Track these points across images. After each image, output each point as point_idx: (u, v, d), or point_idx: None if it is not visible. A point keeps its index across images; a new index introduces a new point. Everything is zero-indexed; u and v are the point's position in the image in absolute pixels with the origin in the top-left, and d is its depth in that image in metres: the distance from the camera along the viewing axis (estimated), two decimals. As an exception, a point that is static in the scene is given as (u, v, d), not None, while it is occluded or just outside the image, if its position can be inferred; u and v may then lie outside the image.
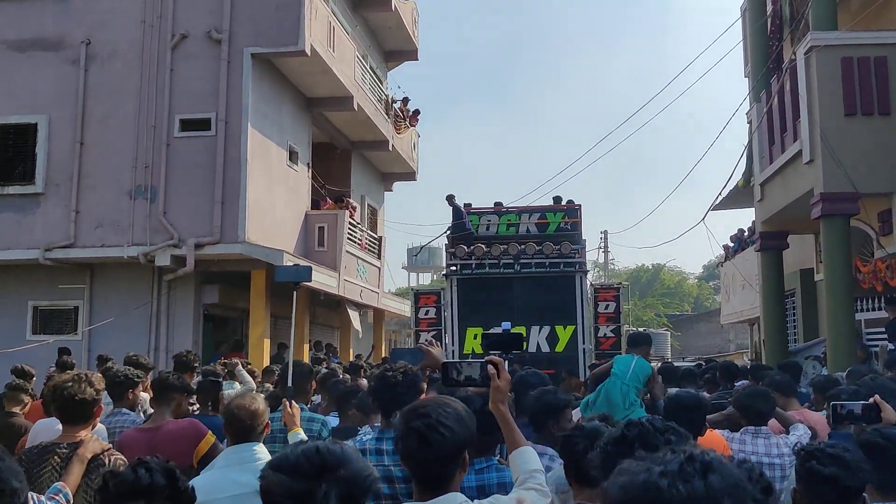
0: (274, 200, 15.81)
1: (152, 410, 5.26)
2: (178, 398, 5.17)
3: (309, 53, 14.91)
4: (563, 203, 16.80)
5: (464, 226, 16.21)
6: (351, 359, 19.41)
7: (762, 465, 4.72)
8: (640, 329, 37.47)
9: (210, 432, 4.83)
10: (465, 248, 15.49)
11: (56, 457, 3.71)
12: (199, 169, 14.70)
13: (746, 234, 22.19)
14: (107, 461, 3.68)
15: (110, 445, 3.98)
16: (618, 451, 2.09)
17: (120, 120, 15.05)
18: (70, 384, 3.86)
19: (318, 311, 20.05)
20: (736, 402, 5.41)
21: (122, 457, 3.81)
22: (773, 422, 5.35)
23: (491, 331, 4.62)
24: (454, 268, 15.59)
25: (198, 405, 6.61)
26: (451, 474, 2.50)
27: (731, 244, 23.16)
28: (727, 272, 23.33)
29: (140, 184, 14.81)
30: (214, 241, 14.42)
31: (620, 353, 17.45)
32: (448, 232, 16.22)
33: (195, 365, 8.38)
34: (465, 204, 16.66)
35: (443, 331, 15.46)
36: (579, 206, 16.60)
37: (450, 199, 16.66)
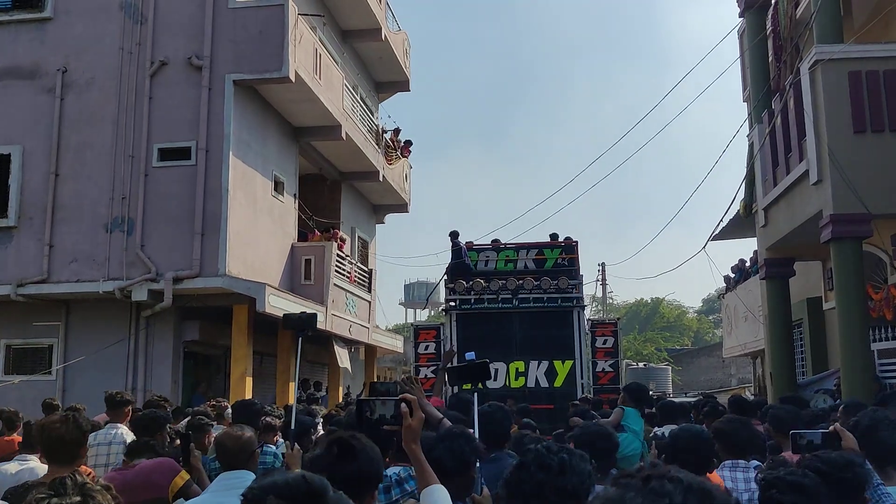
0: (258, 232, 15.20)
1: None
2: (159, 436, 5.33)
3: (293, 80, 14.40)
4: (560, 240, 16.93)
5: (463, 264, 16.31)
6: (340, 397, 18.78)
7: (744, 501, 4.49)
8: (640, 364, 36.76)
9: (184, 471, 4.86)
10: (464, 283, 15.69)
11: None
12: (179, 200, 14.11)
13: (748, 263, 21.59)
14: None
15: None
16: (520, 476, 2.15)
17: (96, 150, 14.50)
18: (58, 425, 3.89)
19: (305, 347, 19.29)
20: (715, 431, 4.91)
21: (111, 487, 3.53)
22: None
23: (455, 363, 4.39)
24: (453, 303, 15.75)
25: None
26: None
27: (733, 275, 22.53)
28: (729, 304, 22.67)
29: (117, 216, 14.21)
30: (193, 274, 13.79)
31: (619, 387, 17.27)
32: (447, 269, 16.37)
33: (122, 398, 7.58)
34: (465, 242, 16.75)
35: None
36: (576, 242, 16.75)
37: (453, 235, 16.82)
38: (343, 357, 18.21)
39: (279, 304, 14.20)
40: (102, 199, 14.31)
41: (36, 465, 5.04)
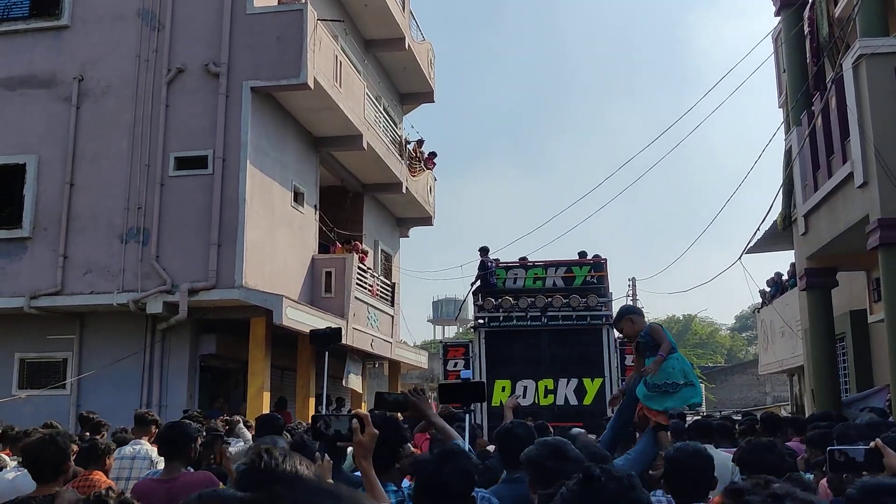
0: (276, 243, 14.80)
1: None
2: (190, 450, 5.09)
3: (312, 87, 14.02)
4: (589, 257, 16.90)
5: (488, 281, 16.34)
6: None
7: None
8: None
9: (222, 484, 4.77)
10: (493, 300, 15.67)
11: None
12: (195, 210, 13.75)
13: (785, 276, 20.87)
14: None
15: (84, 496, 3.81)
16: None
17: (112, 159, 14.19)
18: (37, 445, 4.10)
19: (329, 362, 18.85)
20: (739, 461, 4.67)
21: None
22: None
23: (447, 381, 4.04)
24: (482, 320, 15.71)
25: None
26: None
27: (769, 288, 21.80)
28: (765, 319, 21.92)
29: (132, 226, 13.87)
30: (210, 286, 13.40)
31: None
32: (474, 286, 16.45)
33: (153, 419, 7.57)
34: (494, 259, 16.72)
35: None
36: (605, 259, 16.74)
37: (483, 251, 16.78)
38: (354, 380, 17.68)
39: (297, 316, 13.78)
40: (117, 209, 13.99)
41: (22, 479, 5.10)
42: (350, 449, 3.70)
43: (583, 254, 17.19)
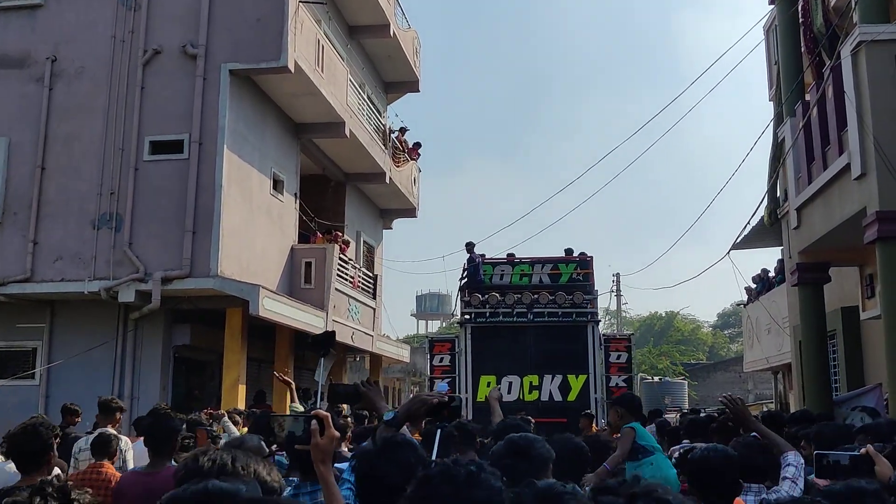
0: (254, 232, 14.38)
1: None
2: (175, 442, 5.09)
3: (293, 70, 13.61)
4: (575, 255, 17.09)
5: (475, 276, 16.46)
6: (346, 409, 17.91)
7: None
8: (655, 378, 35.68)
9: None
10: (480, 296, 15.79)
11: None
12: (170, 196, 13.33)
13: (771, 273, 20.63)
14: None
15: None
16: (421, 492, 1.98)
17: (85, 142, 13.74)
18: (20, 437, 4.17)
19: (307, 355, 18.49)
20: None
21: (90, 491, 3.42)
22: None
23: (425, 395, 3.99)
24: (468, 316, 15.82)
25: None
26: None
27: (754, 285, 21.54)
28: (750, 315, 21.67)
29: (105, 212, 13.43)
30: (184, 274, 12.98)
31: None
32: (462, 281, 16.58)
33: (117, 405, 7.60)
34: (480, 255, 16.86)
35: (457, 378, 15.55)
36: (591, 257, 16.96)
37: (469, 246, 16.94)
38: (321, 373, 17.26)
39: (275, 307, 13.39)
40: (90, 195, 13.54)
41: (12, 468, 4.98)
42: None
43: (569, 251, 17.31)
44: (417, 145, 22.93)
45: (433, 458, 3.48)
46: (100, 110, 13.75)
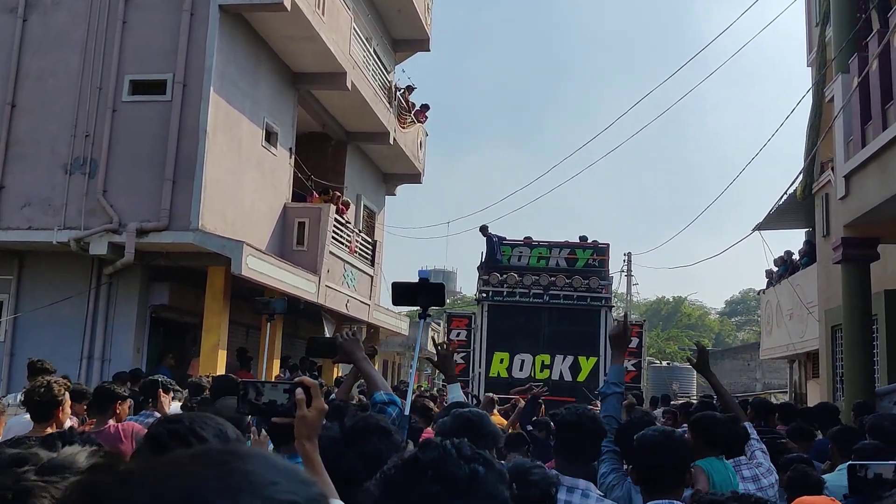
0: (242, 185, 13.22)
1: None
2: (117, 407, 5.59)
3: (289, 9, 12.37)
4: (589, 242, 17.67)
5: (495, 255, 16.91)
6: (336, 377, 16.86)
7: None
8: (664, 363, 34.57)
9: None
10: (499, 275, 16.29)
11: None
12: (149, 140, 12.17)
13: (796, 256, 19.44)
14: None
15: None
16: (405, 479, 1.48)
17: (60, 79, 12.58)
18: (37, 388, 4.61)
19: (298, 322, 17.40)
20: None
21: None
22: None
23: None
24: (486, 294, 16.31)
25: None
26: None
27: (776, 268, 20.35)
28: (770, 300, 20.48)
29: (78, 155, 12.30)
30: (161, 227, 11.84)
31: (640, 389, 16.08)
32: (481, 264, 16.97)
33: (47, 368, 6.69)
34: (498, 236, 17.21)
35: (471, 353, 16.15)
36: (607, 244, 17.59)
37: (483, 230, 17.28)
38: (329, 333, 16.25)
39: (260, 267, 12.26)
40: (63, 136, 12.40)
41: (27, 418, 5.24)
42: None
43: (583, 238, 17.84)
44: (425, 107, 21.69)
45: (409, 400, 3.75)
46: (77, 45, 12.58)
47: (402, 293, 3.77)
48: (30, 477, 1.47)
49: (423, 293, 3.50)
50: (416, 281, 3.57)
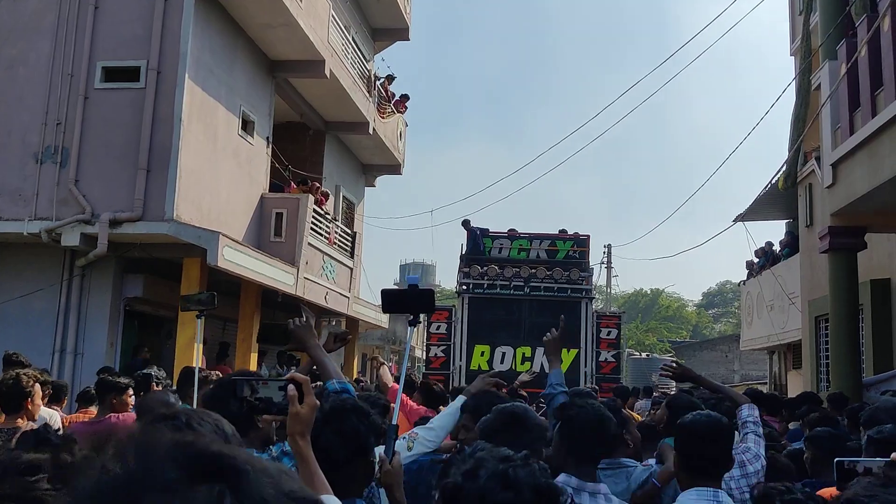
0: (218, 175, 12.94)
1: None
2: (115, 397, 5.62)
3: (267, -6, 12.11)
4: (570, 234, 17.67)
5: (478, 248, 16.94)
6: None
7: None
8: (643, 354, 34.55)
9: None
10: (479, 268, 16.32)
11: None
12: (123, 129, 11.86)
13: (776, 247, 19.42)
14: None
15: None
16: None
17: (30, 66, 12.22)
18: (6, 380, 4.67)
19: (276, 315, 17.12)
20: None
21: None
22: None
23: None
24: (466, 286, 16.28)
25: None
26: None
27: (756, 259, 20.34)
28: (751, 291, 20.46)
29: (49, 144, 11.95)
30: (135, 217, 11.54)
31: (619, 378, 16.03)
32: (463, 257, 16.92)
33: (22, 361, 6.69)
34: (480, 229, 17.28)
35: (452, 346, 16.02)
36: (588, 236, 17.61)
37: (465, 224, 17.36)
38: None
39: (236, 258, 11.99)
40: (33, 125, 12.04)
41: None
42: None
43: (563, 232, 17.83)
44: (405, 98, 21.47)
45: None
46: (48, 31, 12.22)
47: (391, 301, 3.66)
48: (42, 486, 1.36)
49: (412, 300, 3.31)
50: (406, 287, 3.42)
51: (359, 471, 2.62)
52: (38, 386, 4.79)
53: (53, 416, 5.63)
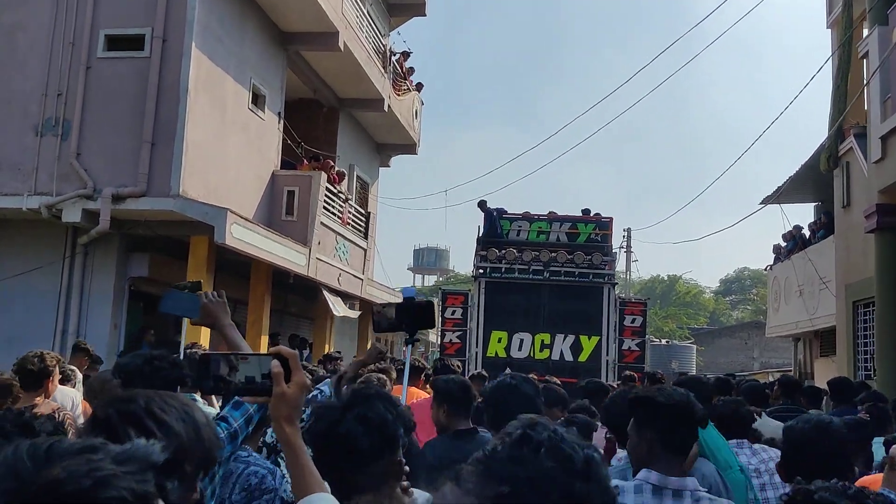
0: (226, 150, 12.40)
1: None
2: None
3: (277, -41, 11.52)
4: (592, 215, 16.83)
5: (495, 230, 16.25)
6: (328, 354, 16.16)
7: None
8: (663, 341, 33.89)
9: None
10: (497, 251, 15.62)
11: None
12: (126, 100, 11.32)
13: (805, 230, 18.74)
14: (56, 417, 3.96)
15: (59, 405, 5.03)
16: (516, 454, 1.35)
17: (31, 34, 11.70)
18: (32, 357, 4.93)
19: (289, 298, 16.64)
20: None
21: (71, 415, 4.96)
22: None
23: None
24: (483, 270, 15.64)
25: None
26: None
27: (784, 243, 19.65)
28: (778, 276, 19.78)
29: (50, 116, 11.43)
30: (139, 192, 11.02)
31: (643, 368, 15.43)
32: (480, 239, 16.24)
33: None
34: (497, 209, 16.55)
35: (467, 332, 15.48)
36: (610, 218, 16.78)
37: (481, 205, 16.58)
38: (337, 304, 15.51)
39: (245, 236, 11.46)
40: (34, 95, 11.53)
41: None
42: None
43: (586, 211, 17.02)
44: (419, 86, 20.84)
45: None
46: (49, -3, 11.69)
47: (384, 324, 3.37)
48: (105, 465, 1.14)
49: (410, 316, 2.97)
50: (401, 301, 3.07)
51: (387, 469, 2.14)
52: (57, 368, 5.12)
53: (76, 396, 5.83)
